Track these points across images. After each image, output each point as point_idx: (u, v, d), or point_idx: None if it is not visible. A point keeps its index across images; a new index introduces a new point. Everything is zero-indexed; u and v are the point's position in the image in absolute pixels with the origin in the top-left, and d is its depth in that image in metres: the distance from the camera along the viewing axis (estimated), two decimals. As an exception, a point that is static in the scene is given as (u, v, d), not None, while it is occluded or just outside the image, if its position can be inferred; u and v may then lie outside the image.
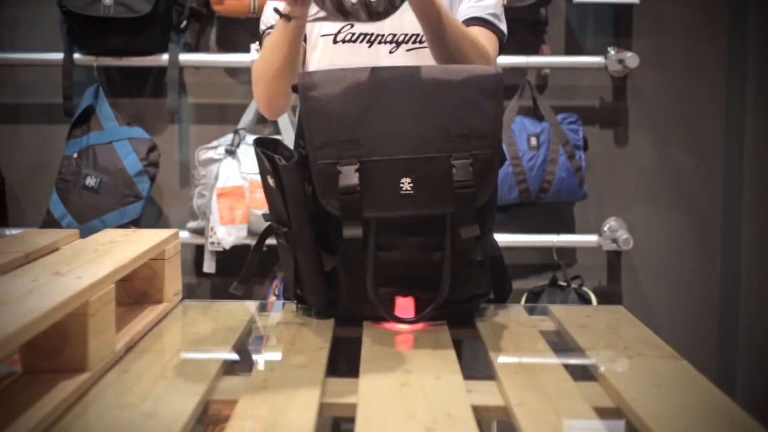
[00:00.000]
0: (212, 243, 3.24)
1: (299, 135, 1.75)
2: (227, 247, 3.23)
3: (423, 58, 1.93)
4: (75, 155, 3.25)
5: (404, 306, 1.72)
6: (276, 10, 1.79)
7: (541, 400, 1.34)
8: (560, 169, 3.30)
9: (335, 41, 1.94)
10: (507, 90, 2.92)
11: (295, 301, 1.85)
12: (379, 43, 1.94)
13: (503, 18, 1.98)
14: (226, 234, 3.22)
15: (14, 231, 3.15)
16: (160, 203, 3.53)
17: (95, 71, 3.33)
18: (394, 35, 1.94)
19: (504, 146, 3.19)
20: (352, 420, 1.26)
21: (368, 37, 1.94)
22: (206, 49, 3.48)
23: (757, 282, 3.50)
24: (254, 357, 1.70)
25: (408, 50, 1.94)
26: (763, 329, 3.47)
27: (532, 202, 3.36)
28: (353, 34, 1.94)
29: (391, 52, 1.94)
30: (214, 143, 3.30)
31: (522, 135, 3.33)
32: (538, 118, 3.36)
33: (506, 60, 3.26)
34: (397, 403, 1.32)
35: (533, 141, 3.31)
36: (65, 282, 1.40)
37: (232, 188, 3.22)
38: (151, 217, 3.50)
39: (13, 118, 3.52)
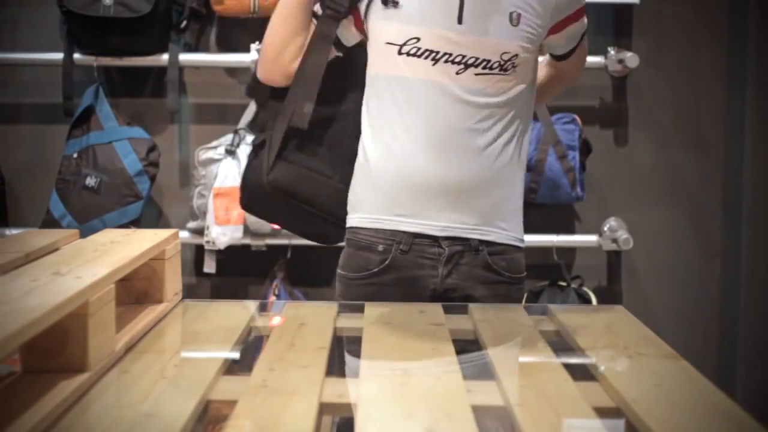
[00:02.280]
0: (207, 242, 3.24)
1: None
2: (222, 247, 3.23)
3: (491, 83, 1.93)
4: (75, 155, 3.25)
5: None
6: None
7: (541, 400, 1.34)
8: (548, 169, 3.29)
9: (400, 53, 1.93)
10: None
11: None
12: (445, 62, 1.92)
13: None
14: (221, 234, 3.22)
15: (14, 231, 3.15)
16: (160, 203, 3.53)
17: (95, 71, 3.33)
18: (464, 56, 1.92)
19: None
20: (352, 420, 1.26)
21: (434, 54, 1.92)
22: (206, 49, 3.48)
23: (757, 282, 3.50)
24: (254, 357, 1.70)
25: (476, 74, 1.93)
26: (763, 329, 3.47)
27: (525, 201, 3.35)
28: (419, 49, 1.92)
29: (458, 73, 1.92)
30: (214, 143, 3.30)
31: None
32: (533, 118, 3.35)
33: (506, 60, 3.26)
34: (397, 403, 1.32)
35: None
36: (65, 282, 1.40)
37: (230, 189, 3.22)
38: (151, 217, 3.50)
39: (13, 118, 3.52)
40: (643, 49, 3.42)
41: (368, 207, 2.01)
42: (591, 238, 3.45)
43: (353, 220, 2.03)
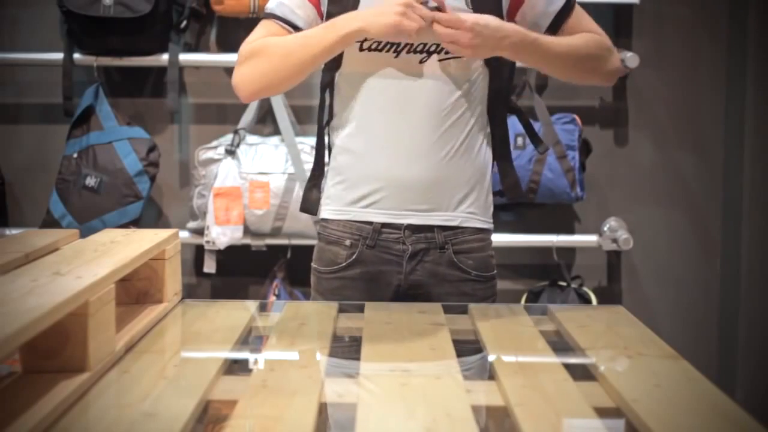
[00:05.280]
0: (207, 242, 3.24)
1: None
2: (222, 247, 3.23)
3: (456, 68, 1.93)
4: (75, 155, 3.25)
5: None
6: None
7: (541, 400, 1.34)
8: (548, 169, 3.29)
9: (361, 49, 1.93)
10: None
11: None
12: (408, 52, 1.92)
13: None
14: (221, 234, 3.22)
15: (14, 231, 3.15)
16: (160, 203, 3.53)
17: (95, 71, 3.33)
18: (425, 45, 1.92)
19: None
20: (352, 420, 1.26)
21: (395, 46, 1.92)
22: (206, 49, 3.48)
23: (757, 282, 3.50)
24: (254, 357, 1.70)
25: (440, 60, 1.93)
26: (763, 329, 3.47)
27: (523, 202, 3.35)
28: (379, 43, 1.92)
29: (421, 62, 1.92)
30: (214, 143, 3.30)
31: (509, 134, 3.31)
32: (533, 118, 3.35)
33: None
34: (397, 403, 1.32)
35: (519, 141, 3.29)
36: (65, 282, 1.40)
37: (230, 189, 3.22)
38: (151, 217, 3.50)
39: (13, 118, 3.52)
40: (643, 49, 3.42)
41: (336, 200, 2.03)
42: (591, 238, 3.45)
43: (323, 212, 2.07)
